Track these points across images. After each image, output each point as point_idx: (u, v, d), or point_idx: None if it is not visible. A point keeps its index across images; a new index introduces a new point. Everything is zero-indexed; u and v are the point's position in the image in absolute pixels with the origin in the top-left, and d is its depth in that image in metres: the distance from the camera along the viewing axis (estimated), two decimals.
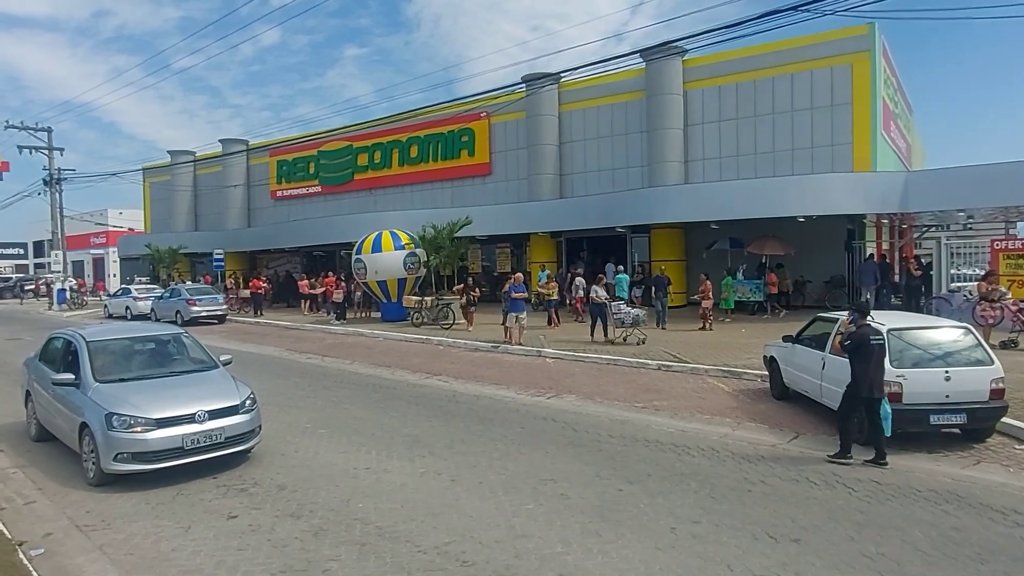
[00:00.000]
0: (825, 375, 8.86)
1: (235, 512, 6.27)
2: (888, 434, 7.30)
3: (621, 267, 21.64)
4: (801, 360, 9.66)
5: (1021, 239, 19.36)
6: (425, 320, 20.57)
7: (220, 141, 37.99)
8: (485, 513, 6.09)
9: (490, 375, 13.06)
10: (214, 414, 7.29)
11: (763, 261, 21.44)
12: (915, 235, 26.33)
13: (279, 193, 36.39)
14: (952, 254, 18.98)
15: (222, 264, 31.94)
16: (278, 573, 5.06)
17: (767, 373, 11.02)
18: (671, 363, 13.27)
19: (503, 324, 16.55)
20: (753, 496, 6.42)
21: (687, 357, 13.70)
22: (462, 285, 20.29)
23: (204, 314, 24.65)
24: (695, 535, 5.55)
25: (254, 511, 6.29)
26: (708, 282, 17.98)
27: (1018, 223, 24.53)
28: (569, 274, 23.66)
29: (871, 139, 20.78)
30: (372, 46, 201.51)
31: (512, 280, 16.68)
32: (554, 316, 19.45)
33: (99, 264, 55.73)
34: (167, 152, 40.89)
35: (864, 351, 7.30)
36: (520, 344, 16.04)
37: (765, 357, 11.12)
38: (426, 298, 21.18)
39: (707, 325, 17.60)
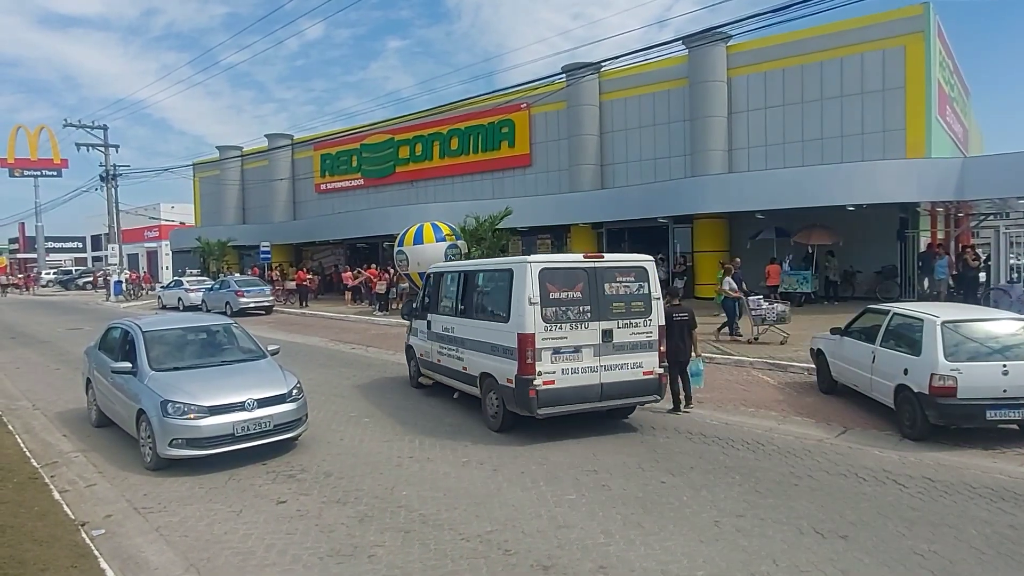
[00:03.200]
0: (876, 369, 8.63)
1: (284, 497, 6.45)
2: (699, 385, 9.53)
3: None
4: (850, 353, 9.43)
5: None
6: None
7: (266, 136, 38.79)
8: (527, 503, 6.14)
9: None
10: (263, 402, 7.50)
11: (810, 251, 20.94)
12: (972, 224, 25.33)
13: (323, 186, 37.01)
14: (1011, 243, 18.19)
15: (269, 256, 32.69)
16: (325, 557, 5.19)
17: (814, 366, 10.80)
18: (714, 355, 13.08)
19: None
20: (799, 490, 6.31)
21: (730, 349, 13.50)
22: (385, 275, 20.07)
23: (252, 305, 25.31)
24: (739, 528, 5.49)
25: (302, 497, 6.46)
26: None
27: None
28: None
29: (925, 124, 20.01)
30: (413, 38, 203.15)
31: None
32: None
33: (152, 257, 57.71)
34: (216, 147, 42.01)
35: (668, 323, 8.83)
36: None
37: (812, 350, 10.88)
38: None
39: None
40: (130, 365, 7.92)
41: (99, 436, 8.80)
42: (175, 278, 34.12)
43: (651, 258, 8.92)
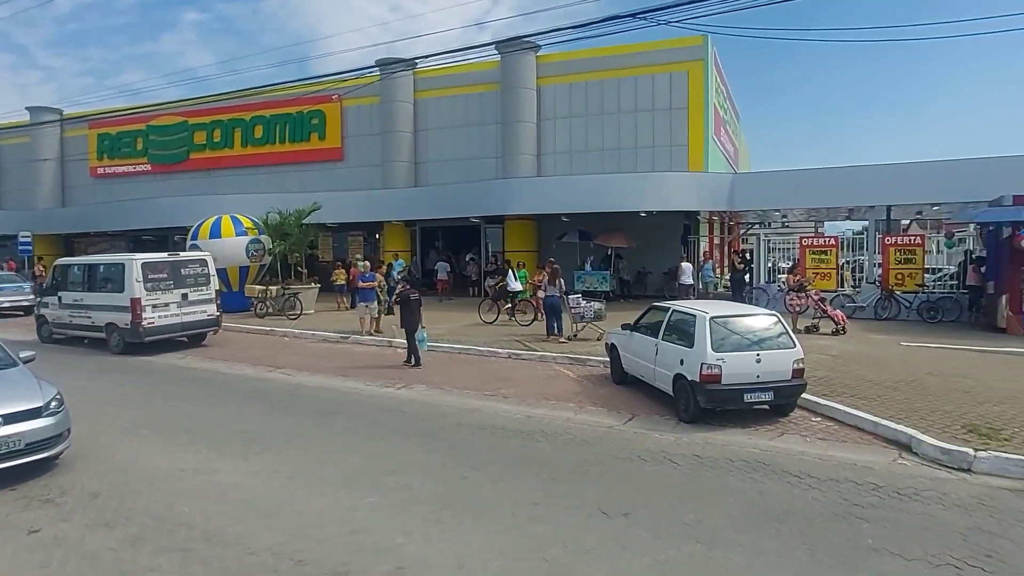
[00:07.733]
0: (658, 360, 9.47)
1: (38, 525, 5.60)
2: (424, 348, 12.60)
3: (474, 256, 22.26)
4: (638, 347, 10.26)
5: (825, 237, 21.87)
6: (270, 310, 19.56)
7: (28, 109, 33.66)
8: (323, 510, 5.89)
9: (337, 367, 12.67)
10: (11, 418, 6.46)
11: (608, 253, 22.57)
12: (742, 231, 28.96)
13: (100, 170, 32.92)
14: (770, 249, 21.04)
15: (30, 248, 28.36)
16: None
17: (609, 360, 11.59)
18: (520, 351, 13.59)
19: (358, 314, 16.21)
20: (590, 477, 6.73)
21: (535, 345, 14.10)
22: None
23: (7, 305, 21.85)
24: (534, 517, 5.72)
25: (61, 523, 5.65)
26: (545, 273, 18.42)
27: (825, 222, 27.71)
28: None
29: (704, 142, 22.51)
30: (213, 12, 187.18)
31: (360, 269, 16.26)
32: (342, 301, 21.07)
33: None
34: None
35: (405, 302, 12.61)
36: (371, 333, 15.72)
37: (606, 344, 11.68)
38: (271, 287, 20.13)
39: (538, 316, 16.86)
40: None
41: None
42: None
43: (208, 253, 15.91)
